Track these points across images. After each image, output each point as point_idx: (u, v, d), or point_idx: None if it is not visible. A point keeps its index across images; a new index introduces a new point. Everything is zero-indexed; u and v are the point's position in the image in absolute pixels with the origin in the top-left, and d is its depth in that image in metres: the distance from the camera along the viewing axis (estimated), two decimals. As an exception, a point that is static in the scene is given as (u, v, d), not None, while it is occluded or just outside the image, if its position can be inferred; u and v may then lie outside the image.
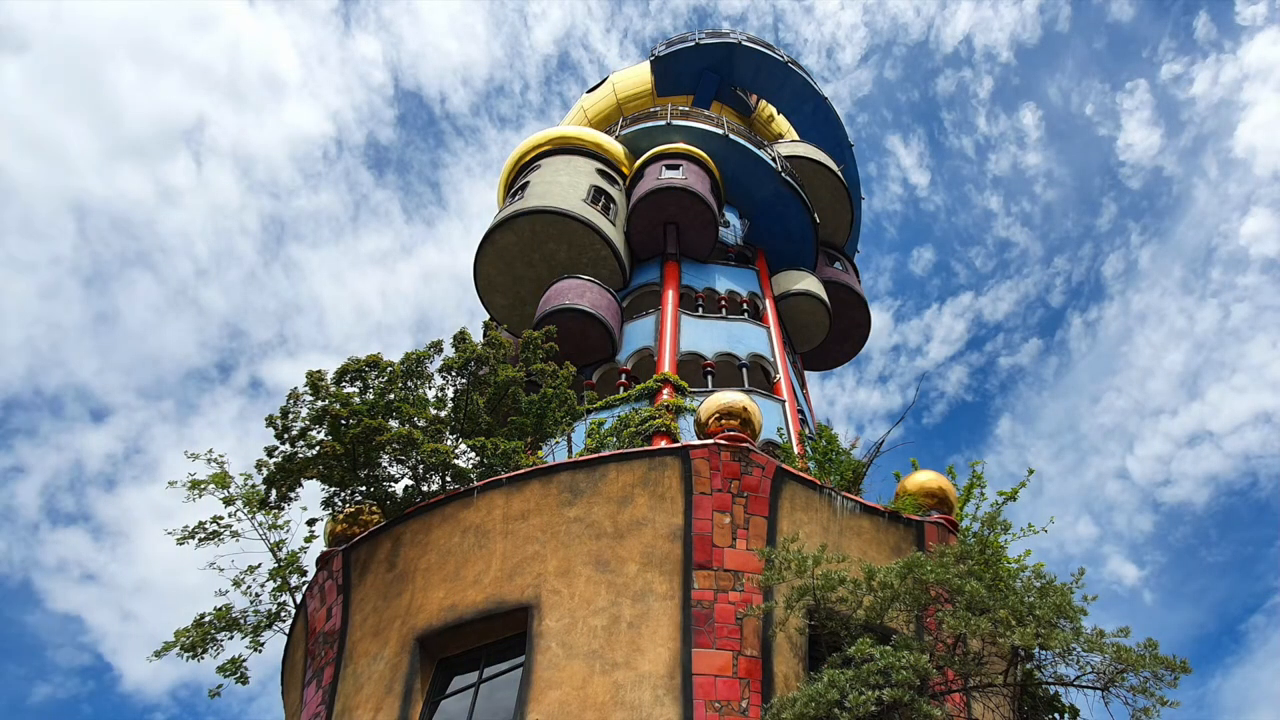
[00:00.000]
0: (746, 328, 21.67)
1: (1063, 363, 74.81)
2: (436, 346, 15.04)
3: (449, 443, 14.08)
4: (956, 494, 13.18)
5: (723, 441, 11.94)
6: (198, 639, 13.48)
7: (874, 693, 8.50)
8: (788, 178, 26.02)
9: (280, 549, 14.27)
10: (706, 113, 27.94)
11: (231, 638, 13.80)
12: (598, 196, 23.43)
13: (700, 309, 21.98)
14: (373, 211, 77.10)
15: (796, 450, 16.46)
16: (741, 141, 26.13)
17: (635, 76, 32.27)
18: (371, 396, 14.06)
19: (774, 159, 26.36)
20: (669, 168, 24.08)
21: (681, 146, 24.97)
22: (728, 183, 26.08)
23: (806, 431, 19.72)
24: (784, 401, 19.40)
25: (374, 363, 14.30)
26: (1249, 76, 69.63)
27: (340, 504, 13.97)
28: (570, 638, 10.61)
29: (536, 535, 11.67)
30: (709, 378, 19.65)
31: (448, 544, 12.12)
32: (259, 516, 14.06)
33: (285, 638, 14.24)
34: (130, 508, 62.55)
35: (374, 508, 13.75)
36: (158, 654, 13.26)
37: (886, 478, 14.26)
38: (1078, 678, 9.23)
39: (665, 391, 17.50)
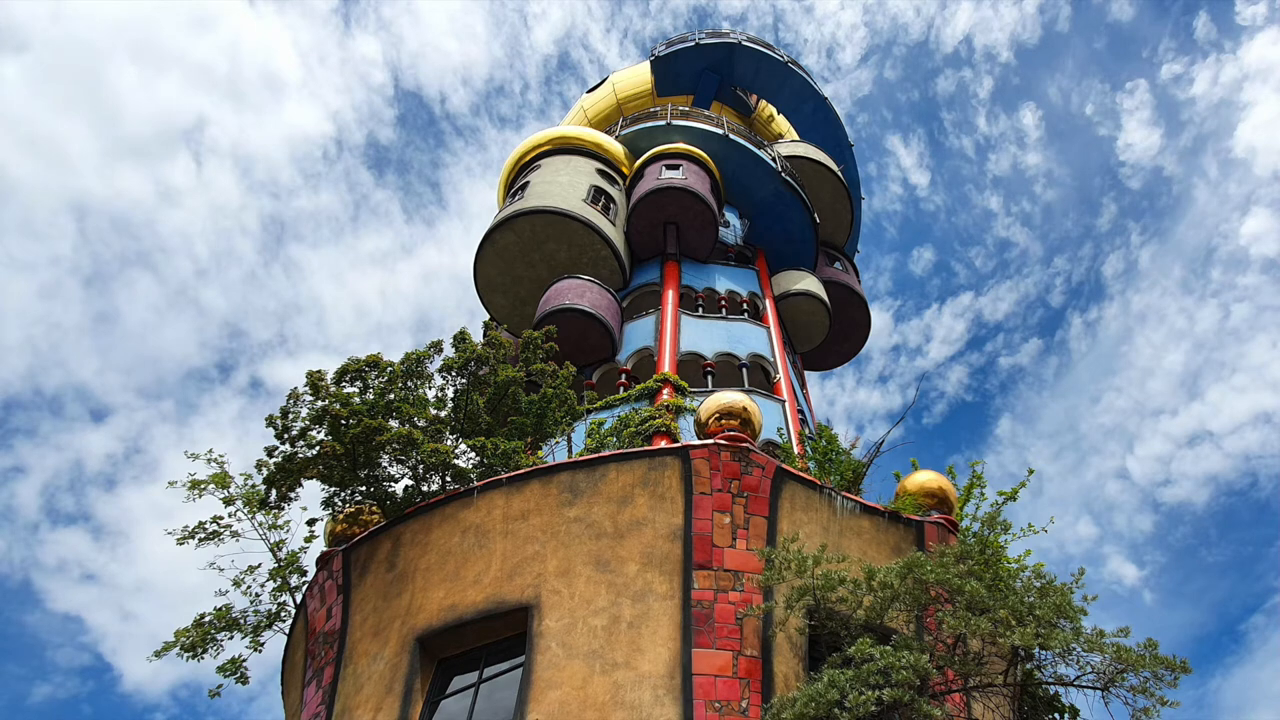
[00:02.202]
0: (746, 328, 21.67)
1: (1063, 363, 74.86)
2: (436, 346, 15.03)
3: (449, 443, 14.08)
4: (956, 494, 13.18)
5: (723, 441, 11.94)
6: (198, 639, 13.48)
7: (874, 693, 8.49)
8: (788, 178, 26.02)
9: (280, 549, 14.28)
10: (706, 113, 27.94)
11: (231, 638, 13.81)
12: (598, 196, 23.42)
13: (700, 309, 21.98)
14: (373, 211, 77.15)
15: (796, 450, 16.46)
16: (741, 141, 26.13)
17: (635, 76, 32.27)
18: (371, 396, 14.06)
19: (774, 159, 26.36)
20: (669, 168, 24.08)
21: (681, 146, 24.97)
22: (728, 183, 26.08)
23: (806, 431, 19.72)
24: (784, 401, 19.40)
25: (374, 363, 14.29)
26: (1249, 76, 69.69)
27: (340, 504, 13.97)
28: (570, 638, 10.60)
29: (536, 535, 11.67)
30: (709, 378, 19.65)
31: (448, 544, 12.11)
32: (259, 516, 14.07)
33: (285, 638, 14.24)
34: (130, 508, 62.59)
35: (374, 508, 13.75)
36: (158, 654, 13.27)
37: (886, 478, 14.27)
38: (1078, 678, 9.22)
39: (665, 391, 17.50)
